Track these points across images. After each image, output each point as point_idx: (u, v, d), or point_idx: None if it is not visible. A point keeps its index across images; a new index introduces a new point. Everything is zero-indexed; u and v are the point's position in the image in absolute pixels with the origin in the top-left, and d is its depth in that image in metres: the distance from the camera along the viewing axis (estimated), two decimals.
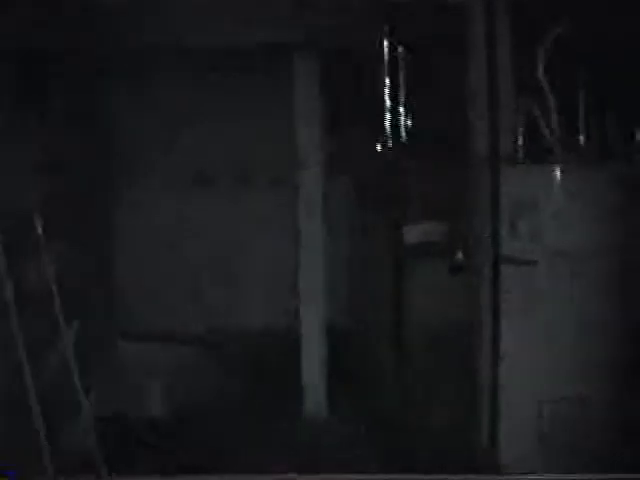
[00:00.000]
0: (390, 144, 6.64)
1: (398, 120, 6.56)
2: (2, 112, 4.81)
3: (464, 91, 5.55)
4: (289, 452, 6.25)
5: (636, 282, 5.15)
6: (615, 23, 5.22)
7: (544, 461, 5.18)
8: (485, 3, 5.20)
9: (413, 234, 6.51)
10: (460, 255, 5.55)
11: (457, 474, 5.13)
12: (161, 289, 7.66)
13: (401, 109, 6.56)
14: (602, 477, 3.63)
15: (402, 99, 6.53)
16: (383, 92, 6.52)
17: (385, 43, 6.43)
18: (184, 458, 6.23)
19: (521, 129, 5.29)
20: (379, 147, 6.75)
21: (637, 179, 5.20)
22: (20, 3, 5.06)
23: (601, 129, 5.36)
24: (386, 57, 6.46)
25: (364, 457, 6.05)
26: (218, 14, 5.97)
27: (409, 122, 6.60)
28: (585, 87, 5.32)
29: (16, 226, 4.94)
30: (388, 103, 6.52)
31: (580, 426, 5.13)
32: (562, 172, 5.14)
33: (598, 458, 5.02)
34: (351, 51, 6.42)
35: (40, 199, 5.18)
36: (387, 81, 6.51)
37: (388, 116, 6.55)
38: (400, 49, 6.45)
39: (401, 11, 5.79)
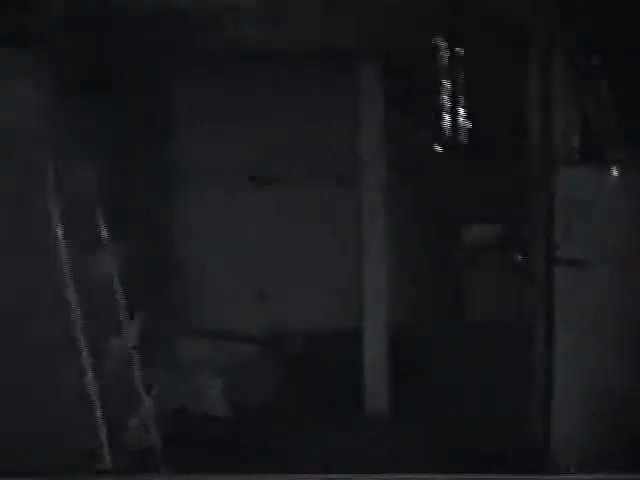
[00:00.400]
0: (449, 145, 6.67)
1: (457, 122, 6.59)
2: (67, 108, 4.93)
3: (522, 92, 5.57)
4: (349, 451, 6.31)
5: None
6: None
7: (599, 460, 5.15)
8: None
9: (472, 235, 6.52)
10: (518, 256, 5.56)
11: (516, 474, 5.08)
12: (225, 287, 7.77)
13: (460, 111, 6.60)
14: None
15: (461, 101, 6.56)
16: (442, 94, 6.56)
17: (444, 45, 6.46)
18: (243, 455, 6.37)
19: (577, 130, 5.28)
20: (438, 149, 6.79)
21: None
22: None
23: None
24: (445, 59, 6.49)
25: (423, 456, 6.09)
26: (282, 15, 6.06)
27: (468, 124, 6.62)
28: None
29: (80, 222, 5.08)
30: (447, 105, 6.56)
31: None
32: (618, 172, 5.12)
33: None
34: (411, 54, 6.46)
35: (103, 195, 5.27)
36: (446, 83, 6.55)
37: (447, 118, 6.59)
38: (459, 51, 6.48)
39: (461, 14, 5.80)
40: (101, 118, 5.69)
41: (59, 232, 4.65)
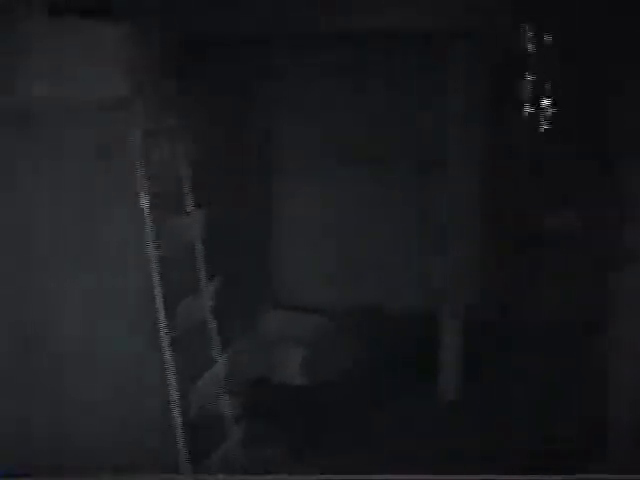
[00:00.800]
0: (533, 132, 6.64)
1: (541, 109, 6.56)
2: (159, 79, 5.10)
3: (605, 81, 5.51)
4: (419, 429, 6.39)
5: None
6: None
7: None
8: None
9: (551, 221, 6.50)
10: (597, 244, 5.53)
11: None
12: (313, 263, 7.91)
13: (545, 99, 6.56)
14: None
15: (546, 88, 6.52)
16: (528, 81, 6.53)
17: (531, 33, 6.44)
18: (318, 425, 6.52)
19: None
20: (522, 136, 6.76)
21: None
22: None
23: None
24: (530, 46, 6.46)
25: (489, 441, 6.11)
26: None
27: (552, 111, 6.58)
28: None
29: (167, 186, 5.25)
30: (531, 92, 6.53)
31: None
32: None
33: None
34: (497, 39, 6.45)
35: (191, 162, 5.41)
36: (531, 71, 6.52)
37: (531, 105, 6.56)
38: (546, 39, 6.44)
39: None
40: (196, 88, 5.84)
41: (145, 198, 4.78)
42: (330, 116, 7.71)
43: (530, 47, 6.42)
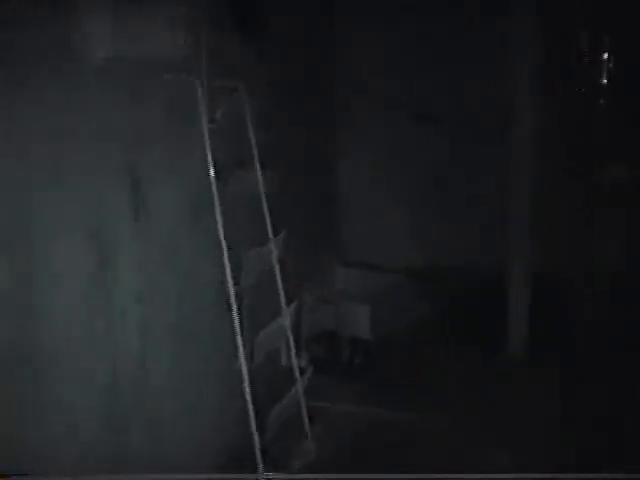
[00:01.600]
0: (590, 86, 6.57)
1: (600, 62, 6.49)
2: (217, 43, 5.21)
3: None
4: (486, 387, 6.44)
5: None
6: None
7: None
8: None
9: (606, 177, 6.46)
10: None
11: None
12: (379, 220, 7.97)
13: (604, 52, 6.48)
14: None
15: (605, 41, 6.45)
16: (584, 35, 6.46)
17: None
18: (384, 376, 6.64)
19: None
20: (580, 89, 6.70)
21: None
22: None
23: None
24: None
25: (555, 399, 6.16)
26: None
27: (611, 64, 6.50)
28: None
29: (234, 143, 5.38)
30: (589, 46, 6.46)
31: None
32: None
33: None
34: None
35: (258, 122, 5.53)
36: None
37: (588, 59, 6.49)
38: None
39: None
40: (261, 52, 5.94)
41: (209, 155, 4.91)
42: (396, 72, 7.73)
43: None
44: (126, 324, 4.45)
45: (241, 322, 4.93)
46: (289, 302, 5.67)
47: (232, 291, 4.86)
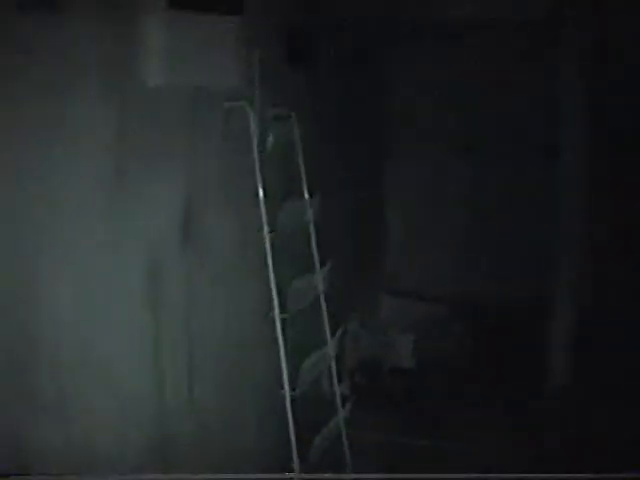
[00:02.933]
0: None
1: None
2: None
3: None
4: (525, 416, 6.44)
5: None
6: None
7: None
8: None
9: None
10: None
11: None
12: (426, 251, 7.97)
13: None
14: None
15: None
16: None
17: None
18: (424, 408, 6.62)
19: None
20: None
21: None
22: None
23: None
24: None
25: (598, 429, 6.10)
26: None
27: None
28: None
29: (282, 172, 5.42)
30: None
31: None
32: None
33: None
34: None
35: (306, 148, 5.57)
36: None
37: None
38: None
39: None
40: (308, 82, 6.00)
41: (260, 182, 4.94)
42: (444, 103, 7.75)
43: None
44: (173, 351, 4.50)
45: (286, 350, 4.93)
46: (333, 331, 5.67)
47: (278, 319, 4.87)
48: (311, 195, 5.57)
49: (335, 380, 5.67)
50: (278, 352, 4.87)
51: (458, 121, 7.73)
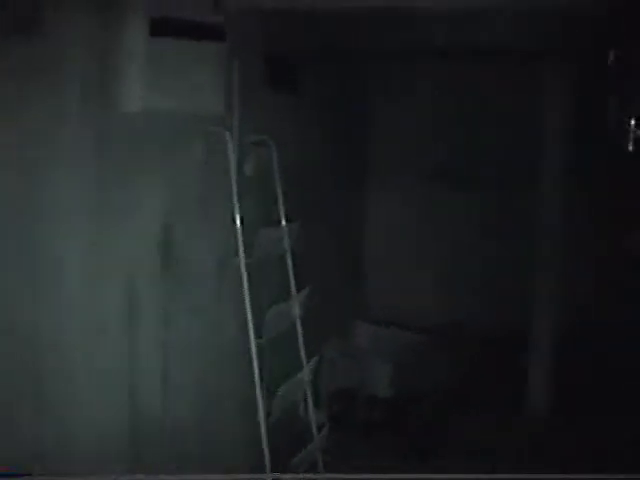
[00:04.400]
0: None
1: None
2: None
3: None
4: (505, 445, 6.44)
5: None
6: None
7: None
8: None
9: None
10: None
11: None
12: (404, 279, 8.01)
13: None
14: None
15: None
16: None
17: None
18: (403, 438, 6.61)
19: None
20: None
21: None
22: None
23: None
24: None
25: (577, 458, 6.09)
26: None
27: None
28: None
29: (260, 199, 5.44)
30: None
31: None
32: None
33: None
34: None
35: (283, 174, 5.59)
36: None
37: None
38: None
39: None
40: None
41: (236, 208, 4.95)
42: (424, 131, 7.80)
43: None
44: (149, 375, 4.49)
45: (261, 376, 4.92)
46: (310, 357, 5.67)
47: (254, 345, 4.87)
48: (289, 221, 5.58)
49: (311, 407, 5.66)
50: (253, 378, 4.88)
51: (440, 149, 7.77)
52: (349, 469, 5.97)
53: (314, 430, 5.62)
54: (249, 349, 4.86)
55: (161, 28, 4.28)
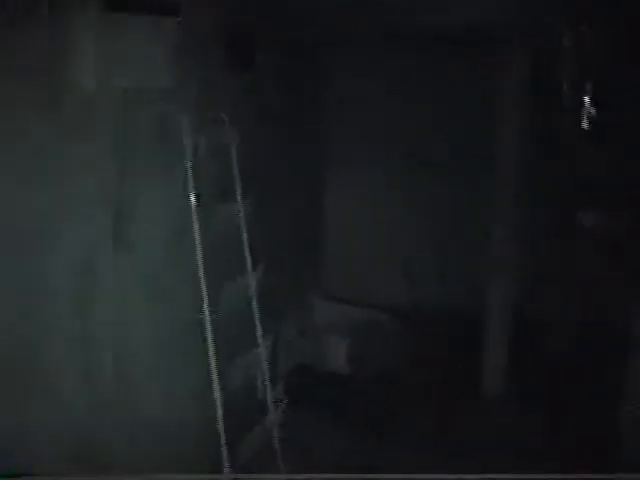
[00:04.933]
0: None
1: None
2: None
3: None
4: (460, 427, 6.52)
5: None
6: None
7: None
8: None
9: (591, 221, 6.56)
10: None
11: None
12: (362, 255, 8.04)
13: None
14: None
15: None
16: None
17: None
18: (358, 414, 6.66)
19: None
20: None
21: None
22: None
23: None
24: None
25: (534, 443, 6.18)
26: None
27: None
28: None
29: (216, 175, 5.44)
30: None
31: None
32: None
33: None
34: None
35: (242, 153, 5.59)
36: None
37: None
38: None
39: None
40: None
41: (191, 186, 4.94)
42: (384, 112, 7.80)
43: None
44: (102, 352, 4.49)
45: (217, 352, 4.94)
46: (266, 334, 5.69)
47: (208, 321, 4.88)
48: (245, 198, 5.58)
49: (267, 384, 5.69)
50: (207, 354, 4.90)
51: (399, 128, 7.78)
52: (305, 445, 6.07)
53: (270, 405, 5.66)
54: (204, 325, 4.89)
55: (116, 3, 4.25)
